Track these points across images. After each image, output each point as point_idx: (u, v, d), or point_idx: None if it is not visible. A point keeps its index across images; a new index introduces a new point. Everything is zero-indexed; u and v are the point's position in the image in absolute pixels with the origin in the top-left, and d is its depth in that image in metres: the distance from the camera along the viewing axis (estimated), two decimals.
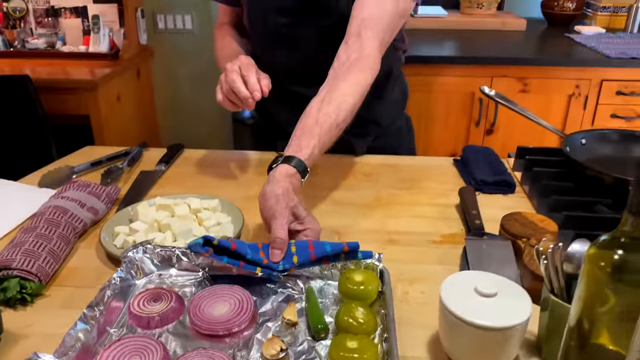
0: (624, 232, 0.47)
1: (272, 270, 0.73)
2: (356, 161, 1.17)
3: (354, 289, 0.69)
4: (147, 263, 0.76)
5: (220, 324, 0.65)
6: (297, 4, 1.04)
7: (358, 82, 0.91)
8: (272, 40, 1.10)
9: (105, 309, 0.67)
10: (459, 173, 1.13)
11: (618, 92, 2.11)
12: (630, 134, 1.11)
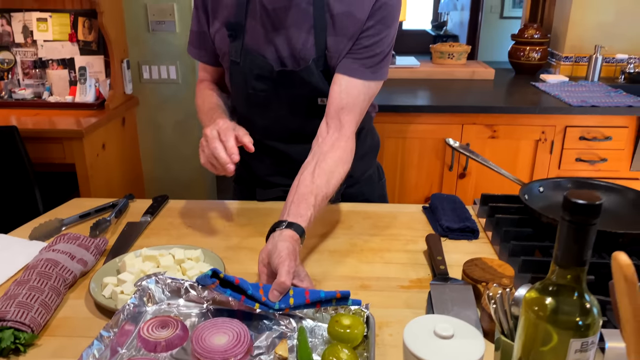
0: (552, 280, 0.54)
1: (269, 307, 0.80)
2: (331, 209, 1.25)
3: (341, 331, 0.76)
4: (158, 292, 0.84)
5: (218, 353, 0.72)
6: (274, 75, 1.13)
7: (342, 159, 1.06)
8: (250, 102, 1.19)
9: (118, 331, 0.75)
10: (427, 220, 1.21)
11: (581, 138, 2.25)
12: (583, 182, 1.21)
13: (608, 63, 2.71)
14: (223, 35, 1.15)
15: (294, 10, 1.08)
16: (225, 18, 1.13)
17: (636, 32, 2.69)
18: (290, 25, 1.09)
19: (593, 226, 0.50)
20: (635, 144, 2.24)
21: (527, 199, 1.13)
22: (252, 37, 1.12)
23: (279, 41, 1.11)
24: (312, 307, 0.81)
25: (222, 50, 1.17)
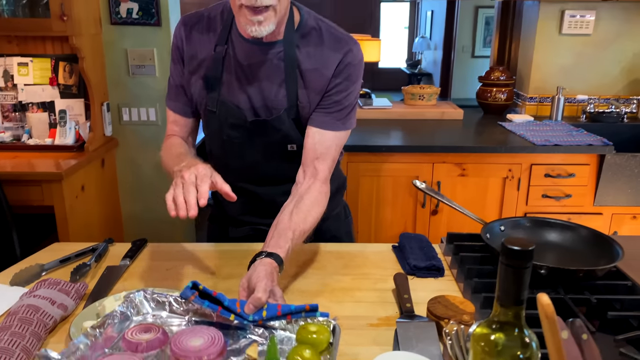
0: (495, 317, 0.60)
1: (244, 319, 0.89)
2: (305, 250, 1.30)
3: (307, 336, 0.84)
4: (145, 304, 0.94)
5: (193, 353, 0.80)
6: (248, 124, 1.21)
7: (317, 201, 1.18)
8: (226, 148, 1.27)
9: (104, 332, 0.84)
10: (397, 259, 1.27)
11: (546, 175, 2.35)
12: (540, 221, 1.29)
13: (570, 103, 2.85)
14: (200, 86, 1.23)
15: (267, 66, 1.18)
16: (202, 72, 1.22)
17: (594, 75, 2.85)
18: (263, 78, 1.19)
19: (527, 269, 0.56)
20: (597, 181, 2.35)
21: (488, 238, 1.20)
22: (228, 89, 1.21)
23: (253, 93, 1.19)
24: (283, 318, 0.90)
25: (199, 100, 1.25)
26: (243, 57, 1.17)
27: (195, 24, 1.23)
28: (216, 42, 1.20)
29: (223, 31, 1.19)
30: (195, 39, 1.22)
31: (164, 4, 2.64)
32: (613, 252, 1.13)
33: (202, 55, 1.21)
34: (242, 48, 1.17)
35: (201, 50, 1.21)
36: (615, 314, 0.99)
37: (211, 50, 1.20)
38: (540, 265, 1.07)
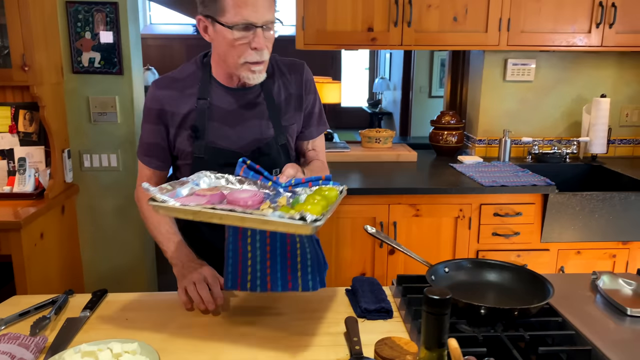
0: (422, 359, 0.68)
1: (278, 185, 1.19)
2: (262, 296, 1.35)
3: (322, 193, 1.12)
4: (208, 180, 1.23)
5: (241, 200, 1.08)
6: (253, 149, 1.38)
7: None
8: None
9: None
10: (349, 302, 1.34)
11: (495, 214, 2.48)
12: (481, 262, 1.38)
13: (516, 145, 3.03)
14: (184, 137, 1.34)
15: (251, 106, 1.36)
16: (188, 125, 1.34)
17: (537, 118, 3.05)
18: (250, 117, 1.37)
19: (446, 315, 0.64)
20: (543, 218, 2.49)
21: (433, 280, 1.29)
22: (215, 135, 1.34)
23: (242, 132, 1.36)
24: (305, 185, 1.20)
25: (184, 150, 1.37)
26: (227, 104, 1.34)
27: (170, 86, 1.36)
28: (197, 96, 1.34)
29: (202, 87, 1.34)
30: (173, 98, 1.34)
31: (126, 54, 2.71)
32: (545, 291, 1.23)
33: (184, 111, 1.34)
34: (226, 97, 1.35)
35: (182, 107, 1.34)
36: (545, 349, 1.08)
37: (192, 105, 1.33)
38: (479, 306, 1.15)
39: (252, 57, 1.25)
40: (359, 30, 2.57)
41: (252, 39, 1.23)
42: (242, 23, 1.21)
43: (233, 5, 1.20)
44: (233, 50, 1.25)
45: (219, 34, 1.25)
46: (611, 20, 2.60)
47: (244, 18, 1.21)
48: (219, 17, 1.23)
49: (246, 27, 1.22)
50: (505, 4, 2.58)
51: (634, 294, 1.31)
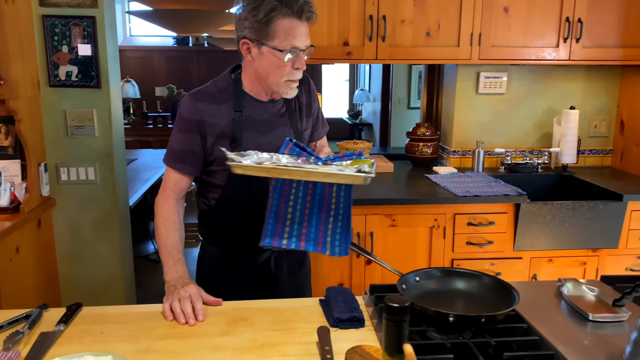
0: None
1: (319, 159, 1.38)
2: (235, 308, 1.37)
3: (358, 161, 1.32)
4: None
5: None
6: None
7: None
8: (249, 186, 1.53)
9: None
10: (323, 312, 1.37)
11: (469, 223, 2.54)
12: (450, 271, 1.42)
13: (490, 155, 3.10)
14: (223, 146, 1.41)
15: (277, 116, 1.56)
16: (227, 135, 1.48)
17: (509, 130, 3.13)
18: (278, 126, 1.56)
19: (405, 322, 0.67)
20: (515, 227, 2.56)
21: (404, 289, 1.32)
22: (250, 142, 1.49)
23: (271, 139, 1.53)
24: (342, 160, 1.37)
25: (222, 157, 1.41)
26: (259, 115, 1.52)
27: (207, 99, 1.50)
28: (233, 109, 1.49)
29: (236, 100, 1.50)
30: (212, 110, 1.49)
31: (104, 67, 2.72)
32: (511, 298, 1.27)
33: (222, 122, 1.49)
34: (257, 109, 1.53)
35: (220, 118, 1.49)
36: (510, 354, 1.12)
37: (229, 116, 1.49)
38: (447, 313, 1.19)
39: (294, 75, 1.46)
40: (335, 45, 2.62)
41: (296, 61, 1.43)
42: (291, 48, 1.40)
43: (283, 33, 1.38)
44: (278, 70, 1.43)
45: (264, 56, 1.43)
46: (578, 35, 2.69)
47: (292, 44, 1.40)
48: (268, 42, 1.40)
49: (293, 52, 1.41)
50: (476, 19, 2.65)
51: (597, 300, 1.36)
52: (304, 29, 1.41)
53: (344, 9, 2.59)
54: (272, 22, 1.37)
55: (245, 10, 1.41)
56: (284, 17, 1.37)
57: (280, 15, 1.37)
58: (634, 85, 3.01)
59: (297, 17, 1.38)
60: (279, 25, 1.38)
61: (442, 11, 2.64)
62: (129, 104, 8.17)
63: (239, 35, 1.45)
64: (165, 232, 1.49)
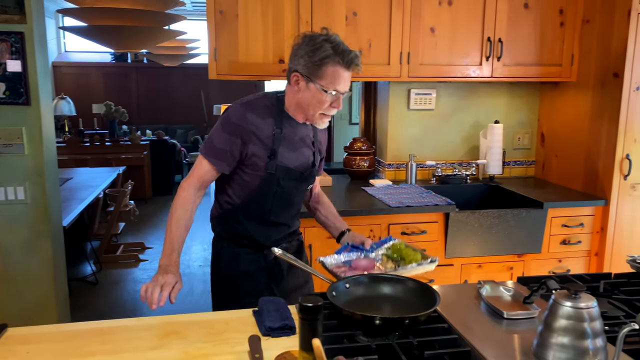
0: None
1: (367, 250, 1.73)
2: (167, 322, 1.38)
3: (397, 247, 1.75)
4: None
5: (362, 267, 1.61)
6: (297, 176, 1.77)
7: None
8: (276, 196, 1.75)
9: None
10: (255, 322, 1.40)
11: (402, 232, 2.64)
12: (377, 276, 1.49)
13: (422, 168, 3.24)
14: (261, 155, 1.68)
15: (306, 138, 1.79)
16: (267, 145, 1.68)
17: (439, 143, 3.28)
18: (304, 146, 1.79)
19: (318, 321, 0.72)
20: (446, 236, 2.68)
21: (334, 296, 1.38)
22: (282, 156, 1.71)
23: (298, 156, 1.76)
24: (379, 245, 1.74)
25: (257, 164, 1.69)
26: (293, 134, 1.73)
27: (256, 112, 1.68)
28: (274, 125, 1.69)
29: (278, 118, 1.70)
30: (259, 122, 1.67)
31: (34, 84, 2.66)
32: (434, 300, 1.35)
33: (264, 134, 1.67)
34: (293, 129, 1.73)
35: (264, 130, 1.68)
36: (431, 352, 1.19)
37: (270, 130, 1.68)
38: (373, 317, 1.25)
39: (330, 112, 1.66)
40: (271, 62, 2.68)
41: (335, 101, 1.64)
42: (335, 91, 1.61)
43: (331, 77, 1.59)
44: (319, 105, 1.64)
45: (310, 91, 1.63)
46: (499, 54, 2.88)
47: (336, 88, 1.61)
48: (316, 80, 1.60)
49: (335, 94, 1.62)
50: (405, 38, 2.79)
51: (512, 300, 1.46)
52: (348, 76, 1.62)
53: (279, 26, 2.65)
54: (324, 66, 1.58)
55: (302, 49, 1.61)
56: (334, 64, 1.58)
57: (332, 62, 1.57)
58: (552, 100, 3.24)
59: (345, 66, 1.59)
60: (329, 70, 1.58)
61: (373, 31, 2.76)
62: (64, 122, 7.91)
63: (291, 67, 1.66)
64: (177, 220, 1.63)
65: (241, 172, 1.73)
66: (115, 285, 4.47)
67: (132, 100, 10.80)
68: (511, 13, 2.87)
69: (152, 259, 5.08)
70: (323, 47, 1.57)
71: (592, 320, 1.11)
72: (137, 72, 10.82)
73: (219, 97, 10.52)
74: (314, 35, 1.63)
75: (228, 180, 1.77)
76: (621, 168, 2.73)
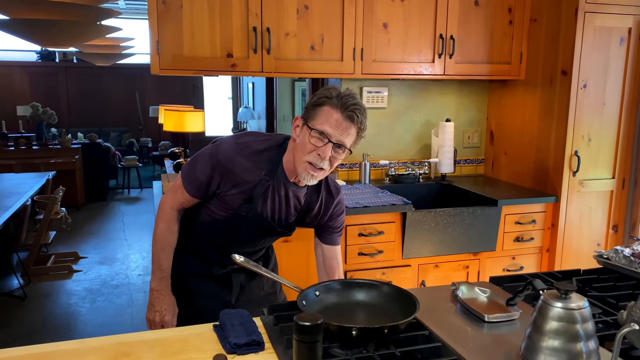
0: None
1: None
2: (119, 342, 1.21)
3: None
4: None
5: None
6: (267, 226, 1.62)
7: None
8: (235, 237, 1.64)
9: None
10: (218, 338, 1.25)
11: (360, 234, 2.55)
12: (349, 282, 1.39)
13: (375, 167, 3.17)
14: (239, 197, 1.55)
15: (292, 200, 1.62)
16: (246, 189, 1.55)
17: (392, 142, 3.23)
18: (286, 205, 1.62)
19: (318, 342, 0.60)
20: (403, 236, 2.62)
21: (304, 305, 1.26)
22: (262, 206, 1.59)
23: (277, 211, 1.62)
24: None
25: (230, 204, 1.57)
26: (280, 189, 1.58)
27: (249, 157, 1.54)
28: (265, 173, 1.55)
29: (272, 168, 1.56)
30: (247, 168, 1.54)
31: None
32: (411, 305, 1.26)
33: (249, 179, 1.54)
34: (282, 184, 1.57)
35: (250, 176, 1.54)
36: None
37: (257, 177, 1.54)
38: (350, 327, 1.14)
39: (316, 160, 1.45)
40: (218, 56, 2.52)
41: (321, 147, 1.44)
42: (321, 131, 1.43)
43: (322, 117, 1.44)
44: (303, 147, 1.46)
45: (303, 133, 1.47)
46: (451, 52, 2.86)
47: (325, 130, 1.43)
48: (308, 121, 1.46)
49: (321, 135, 1.43)
50: (358, 34, 2.71)
51: (489, 301, 1.39)
52: (345, 126, 1.44)
53: (226, 19, 2.50)
54: (320, 106, 1.45)
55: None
56: (330, 105, 1.44)
57: (328, 103, 1.44)
58: (500, 98, 3.27)
59: (340, 109, 1.43)
60: (323, 111, 1.44)
61: (325, 25, 2.66)
62: None
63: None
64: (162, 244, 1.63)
65: (212, 201, 1.62)
66: (46, 299, 4.13)
67: (62, 101, 10.21)
68: (462, 10, 2.85)
69: (87, 269, 4.75)
70: (326, 91, 1.46)
71: (585, 321, 1.05)
72: (67, 72, 10.24)
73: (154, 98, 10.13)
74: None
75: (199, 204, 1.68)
76: (570, 165, 2.77)
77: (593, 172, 2.84)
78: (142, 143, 10.17)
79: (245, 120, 9.75)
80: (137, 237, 5.75)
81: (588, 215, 2.87)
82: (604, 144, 2.83)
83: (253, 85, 9.31)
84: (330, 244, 1.77)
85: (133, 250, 5.28)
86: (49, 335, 3.44)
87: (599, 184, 2.86)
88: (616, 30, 2.73)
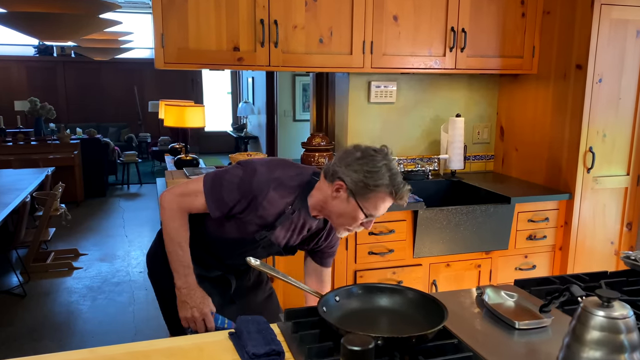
0: None
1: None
2: (133, 352, 1.15)
3: None
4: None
5: None
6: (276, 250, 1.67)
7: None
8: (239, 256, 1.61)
9: None
10: (234, 347, 1.18)
11: (370, 233, 2.48)
12: (371, 287, 1.32)
13: None
14: (258, 224, 1.56)
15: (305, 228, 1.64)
16: (269, 218, 1.56)
17: (400, 138, 3.16)
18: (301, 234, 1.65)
19: None
20: (414, 234, 2.55)
21: (325, 312, 1.19)
22: (277, 235, 1.61)
23: (289, 237, 1.64)
24: None
25: (247, 229, 1.57)
26: (299, 221, 1.60)
27: (279, 191, 1.54)
28: (290, 205, 1.56)
29: (297, 202, 1.56)
30: (275, 200, 1.55)
31: None
32: (438, 312, 1.19)
33: (274, 211, 1.55)
34: (302, 218, 1.59)
35: (275, 208, 1.55)
36: None
37: (282, 208, 1.56)
38: (376, 337, 1.07)
39: (356, 228, 1.55)
40: (225, 50, 2.45)
41: (366, 222, 1.53)
42: (372, 215, 1.50)
43: (375, 203, 1.47)
44: (350, 220, 1.52)
45: (349, 205, 1.48)
46: (462, 45, 2.79)
47: (373, 214, 1.50)
48: (359, 199, 1.46)
49: (370, 218, 1.52)
50: (368, 27, 2.63)
51: (517, 306, 1.33)
52: (387, 207, 1.51)
53: (233, 11, 2.42)
54: (375, 192, 1.44)
55: (357, 164, 1.45)
56: (385, 194, 1.45)
57: (385, 192, 1.45)
58: (511, 93, 3.20)
59: (395, 199, 1.48)
60: (378, 197, 1.46)
61: (334, 18, 2.58)
62: None
63: (337, 171, 1.48)
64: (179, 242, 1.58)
65: (229, 221, 1.60)
66: (46, 297, 4.05)
67: (60, 96, 10.10)
68: (474, 2, 2.77)
69: (87, 266, 4.67)
70: (380, 173, 1.44)
71: (630, 331, 0.98)
72: (65, 66, 10.13)
73: (153, 94, 10.03)
74: (372, 153, 1.48)
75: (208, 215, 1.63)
76: (585, 161, 2.71)
77: (607, 169, 2.77)
78: (141, 138, 10.07)
79: (245, 115, 9.66)
80: (138, 233, 5.67)
81: (602, 213, 2.81)
82: (618, 140, 2.76)
83: (253, 79, 9.21)
84: (324, 266, 1.82)
85: (134, 246, 5.20)
86: (50, 334, 3.37)
87: (613, 181, 2.80)
88: (632, 23, 2.66)
